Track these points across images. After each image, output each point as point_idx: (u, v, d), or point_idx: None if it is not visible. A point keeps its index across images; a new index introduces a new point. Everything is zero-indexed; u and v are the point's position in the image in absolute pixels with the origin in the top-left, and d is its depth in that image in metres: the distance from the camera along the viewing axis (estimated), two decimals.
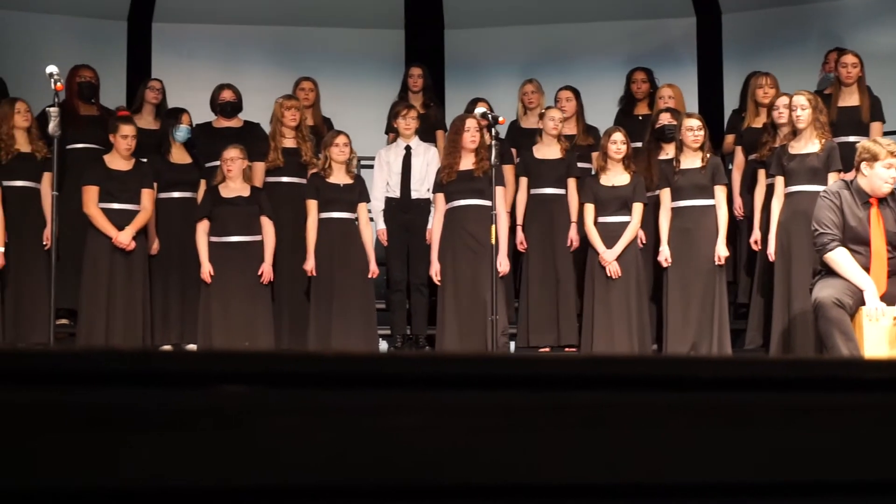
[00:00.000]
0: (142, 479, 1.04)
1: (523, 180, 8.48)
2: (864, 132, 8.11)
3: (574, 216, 8.30)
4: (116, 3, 11.24)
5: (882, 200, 6.52)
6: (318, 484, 1.09)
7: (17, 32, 10.62)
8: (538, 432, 1.15)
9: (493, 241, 7.66)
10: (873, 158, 6.48)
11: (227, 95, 9.07)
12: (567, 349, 8.35)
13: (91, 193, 7.91)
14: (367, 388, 1.13)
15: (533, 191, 8.47)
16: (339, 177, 8.14)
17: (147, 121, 8.71)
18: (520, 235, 8.45)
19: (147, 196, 8.11)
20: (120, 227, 7.93)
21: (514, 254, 8.60)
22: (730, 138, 8.94)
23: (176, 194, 8.39)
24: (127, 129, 8.03)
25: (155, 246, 8.30)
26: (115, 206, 8.01)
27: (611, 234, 7.99)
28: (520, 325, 8.54)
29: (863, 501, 1.27)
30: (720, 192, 7.94)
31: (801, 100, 7.65)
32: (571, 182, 8.42)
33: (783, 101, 7.97)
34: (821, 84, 9.08)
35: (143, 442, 1.03)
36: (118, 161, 8.02)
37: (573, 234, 8.33)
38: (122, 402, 1.04)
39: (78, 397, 1.03)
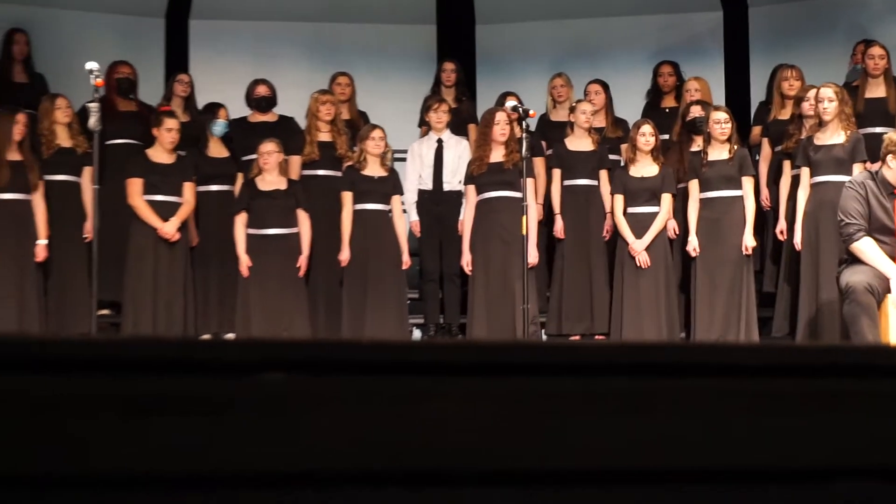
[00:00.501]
0: (186, 466, 1.08)
1: (557, 171, 8.49)
2: (892, 123, 8.10)
3: (608, 207, 8.37)
4: (154, 0, 11.37)
5: None
6: (355, 468, 1.13)
7: (57, 30, 10.58)
8: (569, 418, 1.18)
9: (524, 232, 7.69)
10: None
11: (261, 90, 9.11)
12: (597, 337, 8.39)
13: (136, 186, 7.97)
14: (402, 375, 1.17)
15: (566, 182, 8.48)
16: (373, 169, 8.19)
17: (180, 114, 8.76)
18: (559, 223, 8.42)
19: (189, 189, 8.19)
20: (163, 219, 8.00)
21: (546, 244, 8.64)
22: (756, 130, 8.95)
23: (214, 187, 8.43)
24: (171, 123, 8.12)
25: (194, 238, 8.35)
26: (159, 198, 8.06)
27: (640, 225, 8.05)
28: (551, 313, 8.53)
29: (886, 485, 1.28)
30: (747, 182, 7.98)
31: (827, 92, 7.66)
32: (604, 174, 8.46)
33: (811, 93, 7.98)
34: (849, 76, 9.08)
35: (187, 429, 1.07)
36: (161, 154, 8.07)
37: (609, 224, 8.40)
38: (166, 391, 1.10)
39: (123, 386, 1.07)
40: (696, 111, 8.51)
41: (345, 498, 1.13)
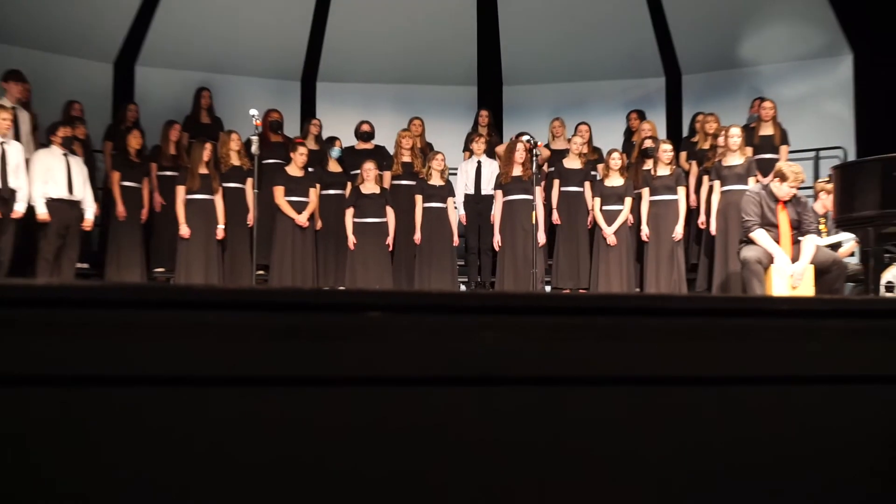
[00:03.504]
0: (317, 372, 1.13)
1: (556, 181, 8.78)
2: (776, 151, 8.54)
3: (590, 206, 8.63)
4: (293, 68, 11.46)
5: (786, 201, 6.86)
6: (428, 373, 1.18)
7: (230, 88, 10.81)
8: (565, 341, 1.23)
9: (534, 222, 8.10)
10: (783, 179, 6.75)
11: (364, 127, 9.43)
12: (581, 290, 8.59)
13: (280, 191, 8.36)
14: (455, 314, 1.20)
15: (563, 189, 8.74)
16: (436, 180, 8.56)
17: (310, 144, 9.11)
18: (555, 215, 8.65)
19: (314, 193, 8.56)
20: (297, 212, 8.34)
21: (549, 229, 8.89)
22: (684, 155, 9.21)
23: (332, 192, 8.69)
24: (302, 150, 8.52)
25: (318, 224, 8.65)
26: (294, 198, 8.41)
27: (610, 217, 8.35)
28: (552, 275, 8.83)
29: (765, 390, 1.32)
30: (681, 191, 8.33)
31: (735, 130, 8.09)
32: (587, 184, 8.72)
33: (723, 131, 8.26)
34: (749, 120, 9.31)
35: (317, 348, 1.13)
36: (295, 170, 8.45)
37: (590, 217, 8.62)
38: (302, 323, 1.13)
39: (274, 319, 1.10)
40: (648, 143, 8.87)
41: (422, 392, 1.20)
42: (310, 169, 8.65)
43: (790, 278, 6.60)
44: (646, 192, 8.46)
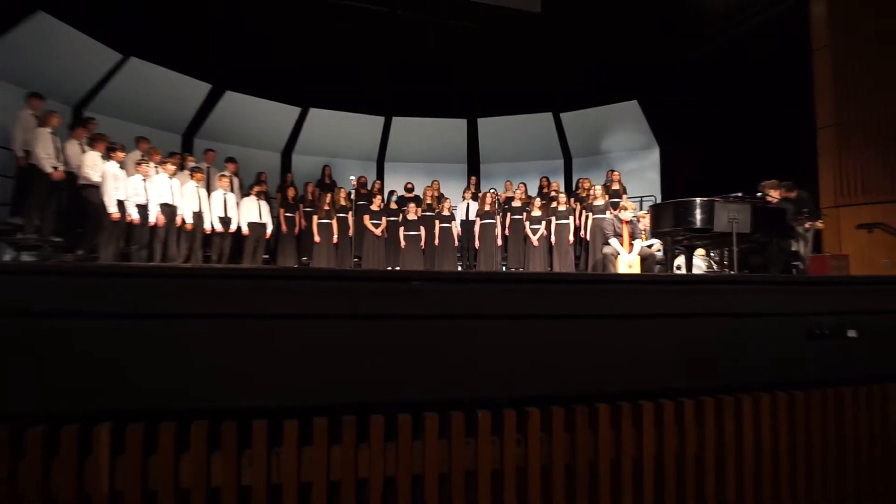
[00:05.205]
0: (388, 311, 1.18)
1: (508, 214, 9.30)
2: (620, 197, 8.84)
3: (525, 226, 8.92)
4: (372, 154, 11.51)
5: (627, 221, 7.05)
6: (440, 313, 1.28)
7: (339, 165, 10.86)
8: (511, 296, 1.38)
9: (496, 234, 8.91)
10: (625, 210, 7.17)
11: (409, 185, 9.82)
12: (520, 269, 8.85)
13: (366, 218, 8.63)
14: (456, 282, 1.33)
15: (511, 217, 9.19)
16: (445, 212, 9.13)
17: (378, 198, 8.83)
18: (507, 231, 8.95)
19: (384, 219, 8.77)
20: (376, 228, 8.54)
21: (503, 238, 9.09)
22: (572, 199, 9.29)
23: (392, 219, 8.95)
24: (378, 199, 8.93)
25: (385, 235, 8.72)
26: (374, 222, 8.67)
27: (535, 231, 8.89)
28: (506, 261, 8.99)
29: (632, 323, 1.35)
30: (571, 218, 8.80)
31: (598, 188, 8.81)
32: (525, 214, 8.96)
33: (592, 188, 8.93)
34: (606, 181, 9.48)
35: (381, 300, 1.23)
36: (374, 208, 8.72)
37: (524, 231, 8.90)
38: (381, 287, 1.22)
39: (356, 286, 1.12)
40: (554, 193, 9.17)
41: (437, 322, 1.27)
42: (379, 208, 8.89)
43: (628, 265, 6.93)
44: (553, 219, 8.84)
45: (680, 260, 6.57)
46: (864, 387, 2.14)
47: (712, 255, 7.07)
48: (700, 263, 6.91)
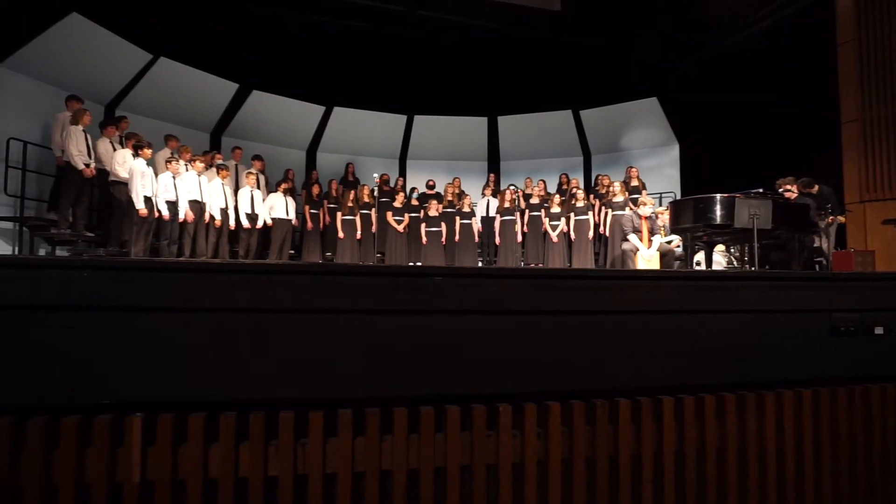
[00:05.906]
0: (409, 307, 1.21)
1: (526, 210, 9.22)
2: (639, 193, 8.69)
3: (544, 222, 8.93)
4: (395, 152, 11.51)
5: (646, 217, 7.05)
6: (461, 308, 1.30)
7: (363, 163, 10.96)
8: (532, 291, 1.37)
9: (516, 230, 8.91)
10: (644, 206, 7.11)
11: (430, 182, 9.93)
12: (539, 265, 8.91)
13: (389, 215, 8.66)
14: (477, 277, 1.31)
15: (530, 213, 9.20)
16: (466, 209, 9.21)
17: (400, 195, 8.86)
18: (526, 228, 8.90)
19: (406, 216, 8.84)
20: (398, 224, 8.62)
21: (523, 234, 9.04)
22: (591, 196, 9.28)
23: (414, 215, 8.94)
24: (401, 195, 8.92)
25: (408, 231, 8.77)
26: (396, 218, 8.72)
27: (554, 228, 8.87)
28: (525, 256, 9.00)
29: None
30: (590, 214, 8.71)
31: (617, 184, 8.68)
32: (543, 210, 9.03)
33: (611, 185, 8.80)
34: (625, 178, 9.41)
35: (407, 295, 1.24)
36: (397, 204, 8.79)
37: (543, 228, 8.90)
38: (403, 282, 1.22)
39: (383, 281, 1.07)
40: (574, 190, 9.01)
41: (458, 317, 1.26)
42: (401, 204, 8.97)
43: (647, 260, 6.89)
44: (572, 215, 8.78)
45: (699, 256, 6.46)
46: (891, 384, 2.09)
47: (732, 251, 6.98)
48: (720, 259, 6.83)
